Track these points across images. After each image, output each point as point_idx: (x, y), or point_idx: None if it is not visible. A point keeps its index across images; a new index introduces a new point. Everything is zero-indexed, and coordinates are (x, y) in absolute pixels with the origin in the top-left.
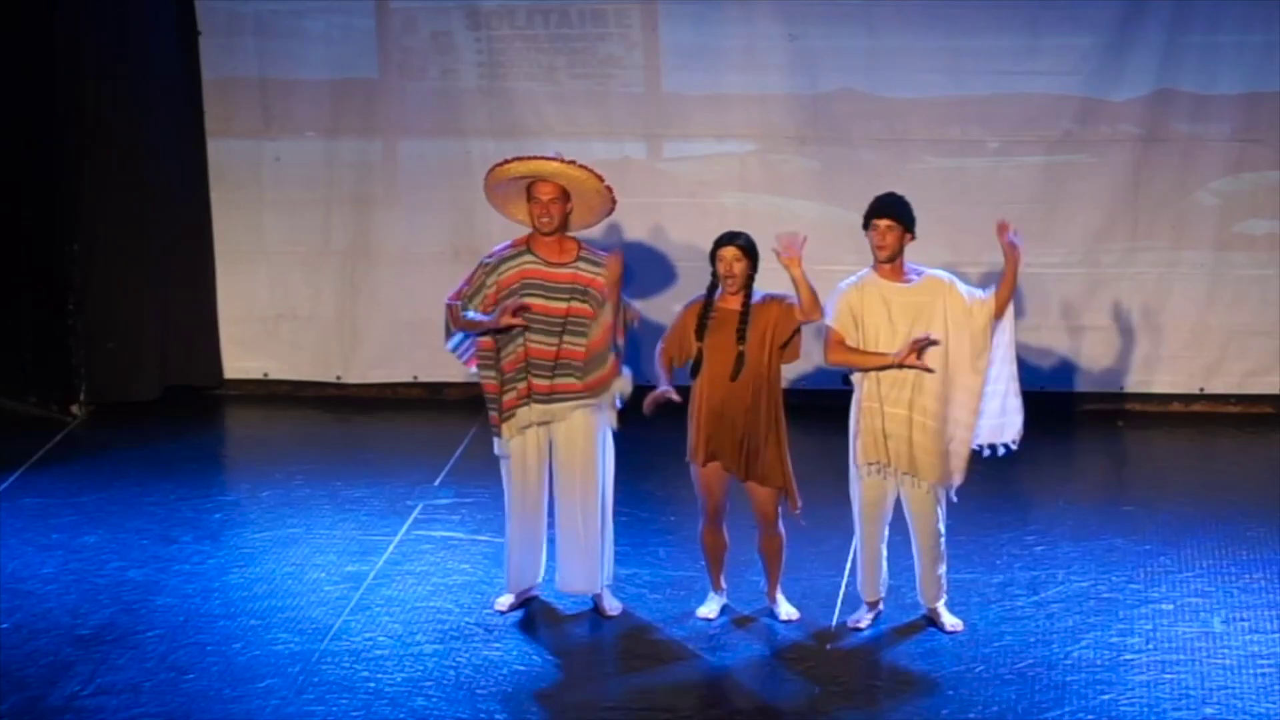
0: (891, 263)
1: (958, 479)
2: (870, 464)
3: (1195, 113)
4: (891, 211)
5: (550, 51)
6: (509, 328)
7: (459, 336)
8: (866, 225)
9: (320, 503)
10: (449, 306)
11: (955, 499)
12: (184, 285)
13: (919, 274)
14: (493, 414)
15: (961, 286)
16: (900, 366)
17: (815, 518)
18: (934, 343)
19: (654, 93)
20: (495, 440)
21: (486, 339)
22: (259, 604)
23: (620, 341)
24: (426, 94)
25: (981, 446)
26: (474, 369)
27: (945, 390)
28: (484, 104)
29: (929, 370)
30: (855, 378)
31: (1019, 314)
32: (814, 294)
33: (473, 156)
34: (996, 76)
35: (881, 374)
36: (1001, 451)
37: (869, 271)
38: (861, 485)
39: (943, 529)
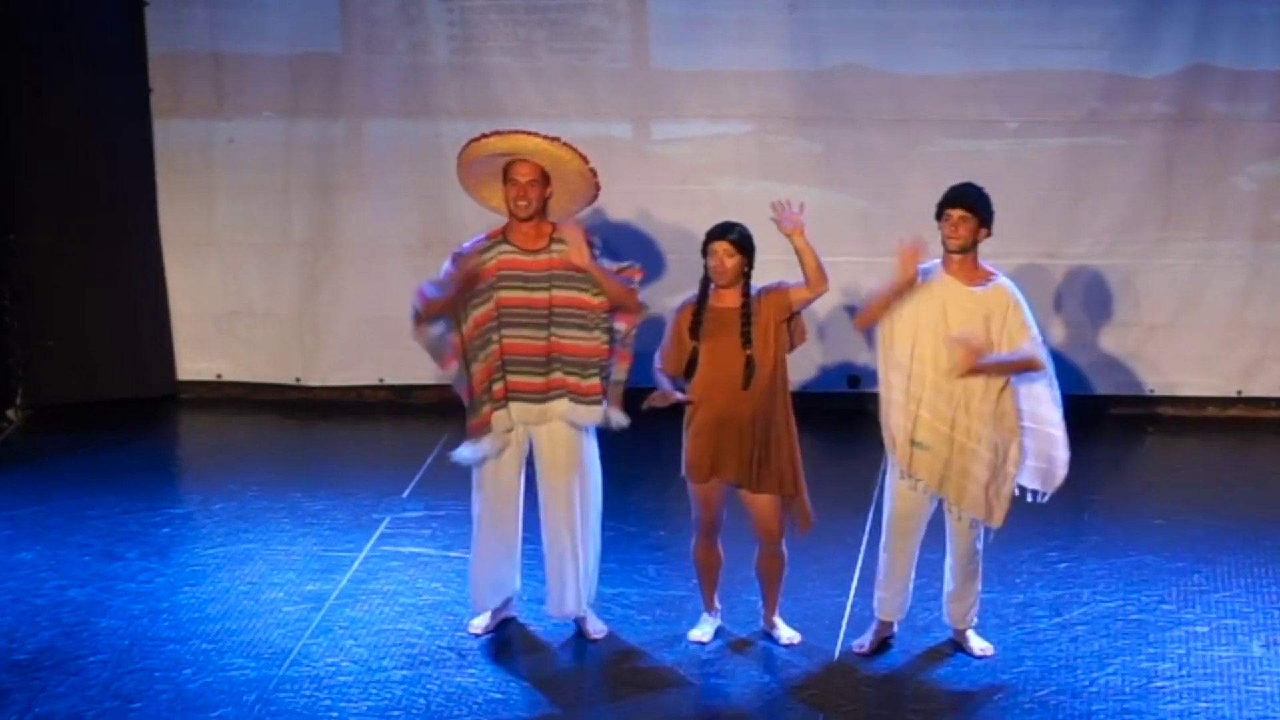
0: (963, 255)
1: (999, 518)
2: (905, 474)
3: (1232, 91)
4: (965, 200)
5: (529, 24)
6: (472, 285)
7: (439, 328)
8: (939, 216)
9: (278, 516)
10: (419, 292)
11: (992, 539)
12: (130, 280)
13: (990, 280)
14: (474, 418)
15: (1022, 313)
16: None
17: (817, 531)
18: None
19: (641, 69)
20: (466, 447)
21: (479, 312)
22: (211, 626)
23: (624, 327)
24: (394, 70)
25: (1023, 489)
26: (451, 370)
27: (993, 412)
28: (456, 81)
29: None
30: (881, 366)
31: (1036, 312)
32: (819, 264)
33: (444, 139)
34: (1016, 51)
35: (925, 377)
36: (1031, 499)
37: (937, 265)
38: (896, 493)
39: (980, 546)
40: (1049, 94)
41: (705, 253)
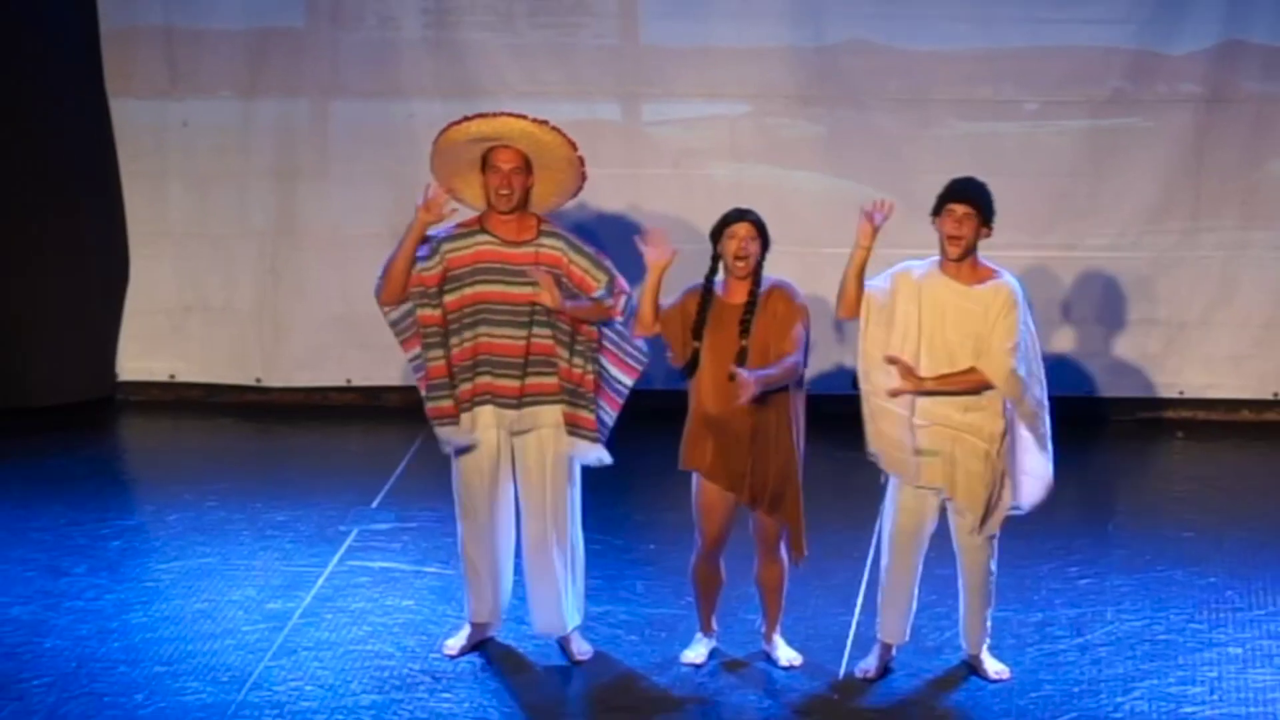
0: (962, 260)
1: (995, 522)
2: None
3: (1268, 68)
4: (969, 196)
5: None
6: (436, 218)
7: (405, 306)
8: (938, 210)
9: (237, 528)
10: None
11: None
12: (82, 274)
13: (993, 278)
14: (434, 405)
15: (1012, 320)
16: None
17: (822, 546)
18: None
19: (631, 45)
20: (442, 435)
21: (433, 313)
22: (165, 647)
23: (611, 365)
24: (362, 46)
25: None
26: (412, 353)
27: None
28: (430, 58)
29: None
30: (870, 371)
31: (1055, 309)
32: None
33: (417, 120)
34: (1034, 26)
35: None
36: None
37: (931, 263)
38: (899, 507)
39: (994, 566)
40: (1069, 72)
41: (719, 238)
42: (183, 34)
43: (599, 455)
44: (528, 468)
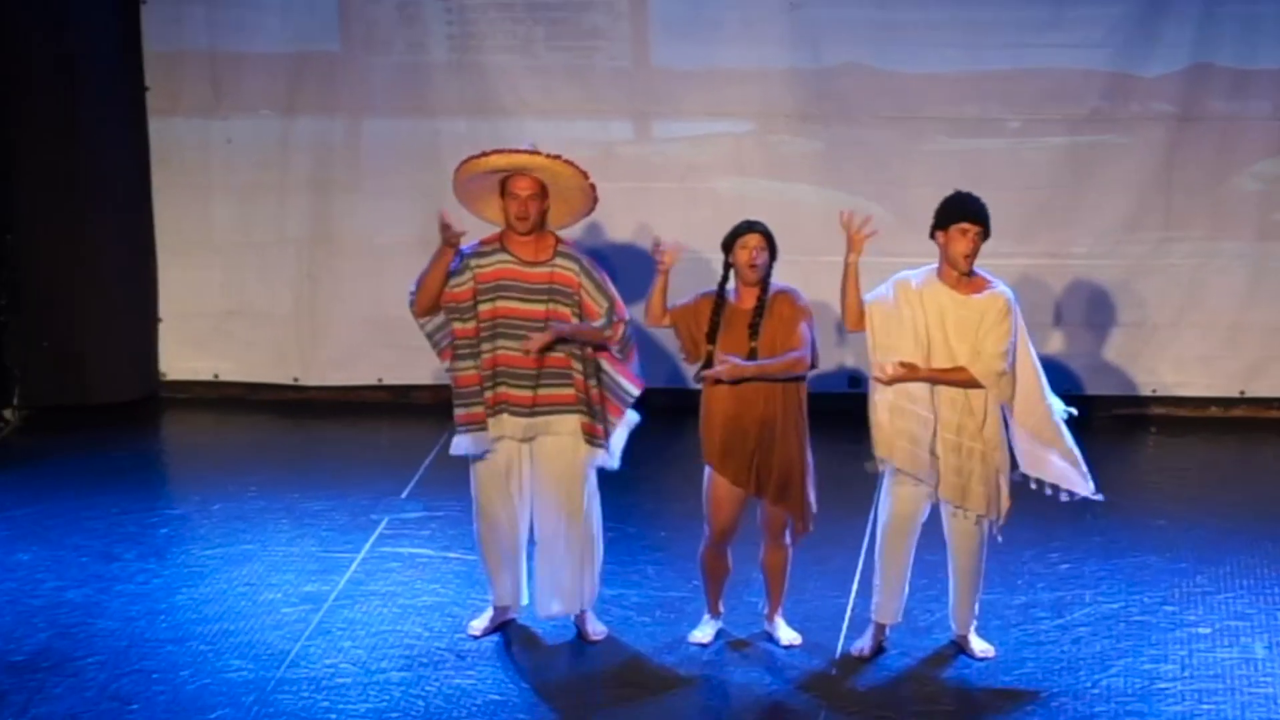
0: (967, 272)
1: (1004, 511)
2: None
3: (1234, 89)
4: (982, 217)
5: (528, 22)
6: (454, 243)
7: (438, 320)
8: (945, 226)
9: (276, 516)
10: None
11: (1000, 539)
12: (127, 280)
13: (988, 287)
14: (467, 411)
15: (1004, 329)
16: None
17: (818, 532)
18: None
19: (642, 67)
20: (460, 439)
21: (465, 326)
22: (209, 627)
23: (620, 376)
24: (392, 69)
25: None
26: (447, 363)
27: (984, 408)
28: (455, 80)
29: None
30: (886, 374)
31: (1037, 313)
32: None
33: (442, 137)
34: (1017, 49)
35: (937, 388)
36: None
37: (932, 272)
38: (894, 496)
39: (983, 553)
40: (1050, 92)
41: (731, 248)
42: (226, 58)
43: (604, 459)
44: (544, 472)
